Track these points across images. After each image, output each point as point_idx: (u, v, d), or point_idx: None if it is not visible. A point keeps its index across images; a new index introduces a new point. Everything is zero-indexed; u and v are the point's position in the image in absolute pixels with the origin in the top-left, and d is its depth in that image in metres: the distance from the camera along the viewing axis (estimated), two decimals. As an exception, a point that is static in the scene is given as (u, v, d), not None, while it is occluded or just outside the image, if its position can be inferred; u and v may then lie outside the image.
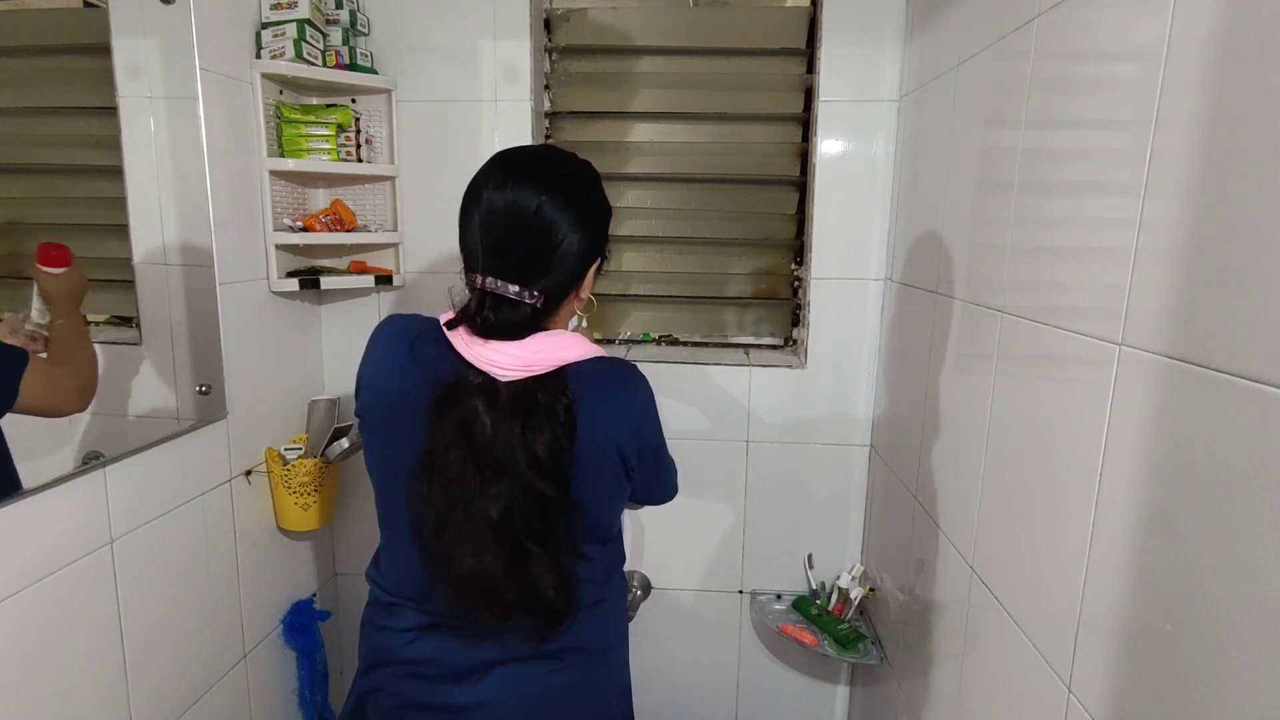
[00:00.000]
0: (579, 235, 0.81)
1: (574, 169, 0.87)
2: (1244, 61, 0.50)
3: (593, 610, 0.93)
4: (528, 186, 0.80)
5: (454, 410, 0.79)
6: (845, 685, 1.59)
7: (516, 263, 0.80)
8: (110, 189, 1.07)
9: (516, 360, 0.79)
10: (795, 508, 1.52)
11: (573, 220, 0.80)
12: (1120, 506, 0.61)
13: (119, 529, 0.99)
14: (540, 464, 0.79)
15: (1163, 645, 0.55)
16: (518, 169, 0.82)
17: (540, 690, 0.90)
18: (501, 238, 0.80)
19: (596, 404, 0.82)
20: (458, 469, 0.79)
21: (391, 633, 0.91)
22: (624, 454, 0.85)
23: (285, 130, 1.31)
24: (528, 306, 0.80)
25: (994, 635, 0.86)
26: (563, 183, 0.82)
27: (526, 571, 0.81)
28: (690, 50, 1.51)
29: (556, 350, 0.81)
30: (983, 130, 0.96)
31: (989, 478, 0.89)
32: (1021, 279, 0.82)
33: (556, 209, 0.79)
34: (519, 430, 0.78)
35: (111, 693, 0.99)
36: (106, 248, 1.11)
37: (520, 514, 0.79)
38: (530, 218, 0.79)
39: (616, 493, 0.88)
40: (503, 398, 0.79)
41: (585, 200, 0.83)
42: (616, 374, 0.86)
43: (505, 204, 0.79)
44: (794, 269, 1.56)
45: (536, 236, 0.79)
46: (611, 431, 0.83)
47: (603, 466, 0.84)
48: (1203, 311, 0.53)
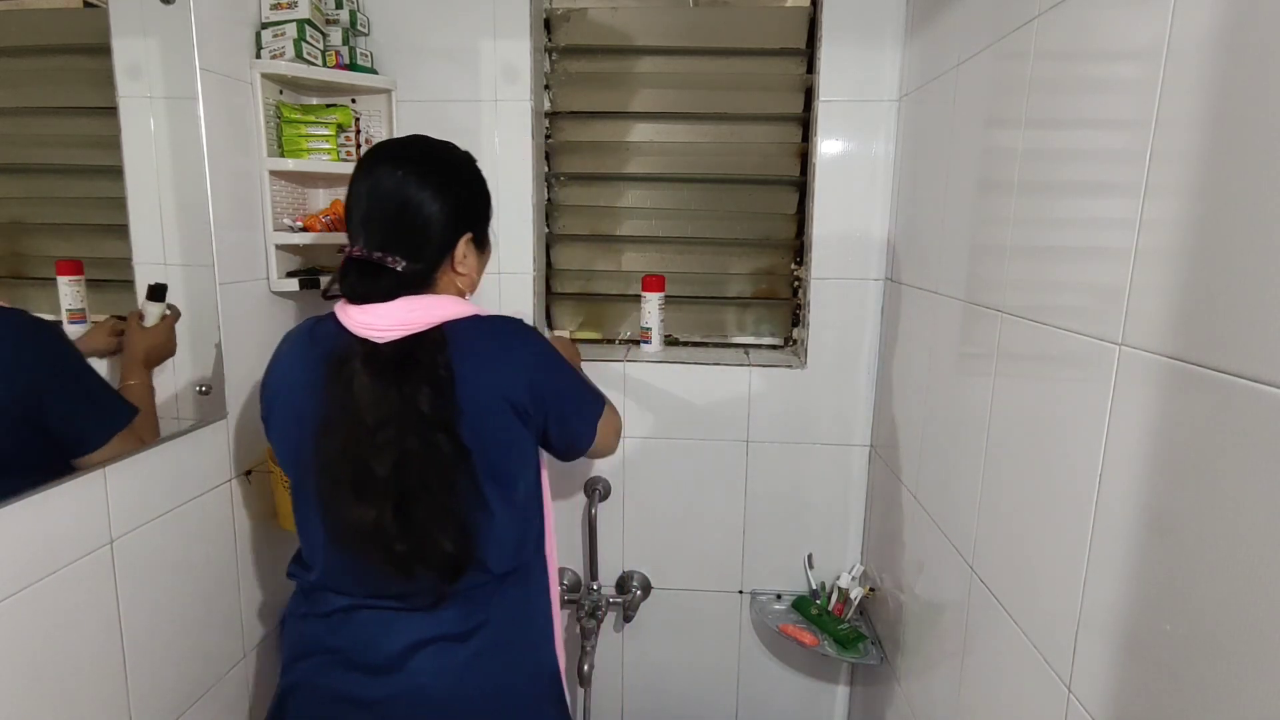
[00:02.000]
0: (438, 205, 0.89)
1: (437, 150, 0.96)
2: (1244, 61, 0.50)
3: (508, 584, 0.94)
4: (390, 164, 0.90)
5: (338, 376, 0.86)
6: (845, 685, 1.59)
7: (381, 232, 0.88)
8: (110, 189, 1.07)
9: (393, 320, 0.86)
10: (795, 508, 1.52)
11: (432, 192, 0.88)
12: (1120, 506, 0.61)
13: (119, 529, 0.99)
14: (424, 416, 0.83)
15: (1163, 645, 0.55)
16: (385, 152, 0.93)
17: (464, 678, 0.90)
18: (367, 211, 0.89)
19: (476, 355, 0.88)
20: (345, 431, 0.84)
21: (314, 619, 0.94)
22: (511, 399, 0.88)
23: (285, 130, 1.31)
24: (392, 272, 0.87)
25: (994, 635, 0.86)
26: (423, 160, 0.91)
27: (418, 522, 0.84)
28: (690, 50, 1.51)
29: (433, 308, 0.88)
30: (982, 130, 0.96)
31: (989, 478, 0.89)
32: (1021, 279, 0.82)
33: (416, 181, 0.88)
34: (398, 387, 0.83)
35: (111, 693, 0.99)
36: (106, 248, 1.11)
37: (412, 466, 0.83)
38: (391, 191, 0.88)
39: (512, 439, 0.90)
40: (382, 357, 0.84)
41: (446, 175, 0.91)
42: (495, 326, 0.92)
43: (371, 181, 0.89)
44: (794, 269, 1.56)
45: (398, 208, 0.88)
46: (494, 379, 0.88)
47: (489, 414, 0.87)
48: (1203, 311, 0.53)
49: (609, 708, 1.64)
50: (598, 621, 1.47)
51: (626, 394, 1.49)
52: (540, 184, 1.50)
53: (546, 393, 0.92)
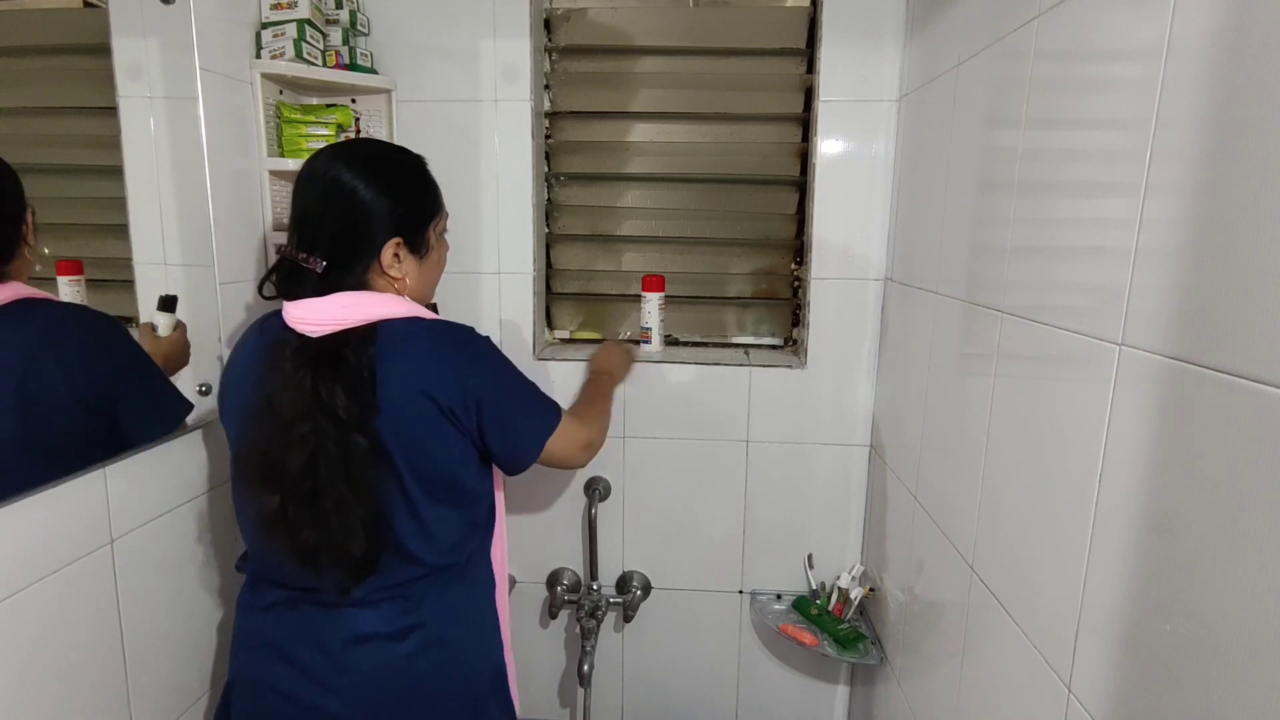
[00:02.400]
0: (359, 210, 0.88)
1: (372, 153, 0.94)
2: (1244, 61, 0.50)
3: (447, 582, 0.94)
4: (323, 165, 0.90)
5: (269, 368, 0.87)
6: (845, 685, 1.59)
7: (306, 233, 0.89)
8: (110, 189, 1.07)
9: (324, 315, 0.86)
10: (795, 508, 1.52)
11: (355, 196, 0.88)
12: (1120, 507, 0.61)
13: (119, 529, 0.99)
14: (337, 415, 0.83)
15: (1163, 645, 0.55)
16: (322, 153, 0.92)
17: (401, 678, 0.90)
18: (299, 210, 0.90)
19: (405, 356, 0.87)
20: (266, 421, 0.86)
21: (256, 611, 0.95)
22: (439, 402, 0.87)
23: (285, 130, 1.31)
24: (310, 272, 0.87)
25: (994, 635, 0.86)
26: (352, 164, 0.89)
27: (326, 514, 0.84)
28: (690, 50, 1.51)
29: (367, 306, 0.88)
30: (982, 130, 0.96)
31: (989, 478, 0.89)
32: (1021, 279, 0.82)
33: (340, 185, 0.88)
34: (317, 383, 0.83)
35: (111, 693, 0.99)
36: (106, 248, 1.11)
37: (324, 462, 0.84)
38: (317, 193, 0.89)
39: (440, 439, 0.89)
40: (308, 352, 0.85)
41: (373, 178, 0.89)
42: (433, 330, 0.91)
43: (302, 181, 0.90)
44: (794, 269, 1.56)
45: (320, 210, 0.89)
46: (422, 382, 0.87)
47: (412, 413, 0.87)
48: (1203, 311, 0.53)
49: (609, 708, 1.64)
50: (598, 621, 1.47)
51: (626, 394, 1.49)
52: (540, 184, 1.50)
53: (483, 397, 0.90)
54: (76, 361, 0.93)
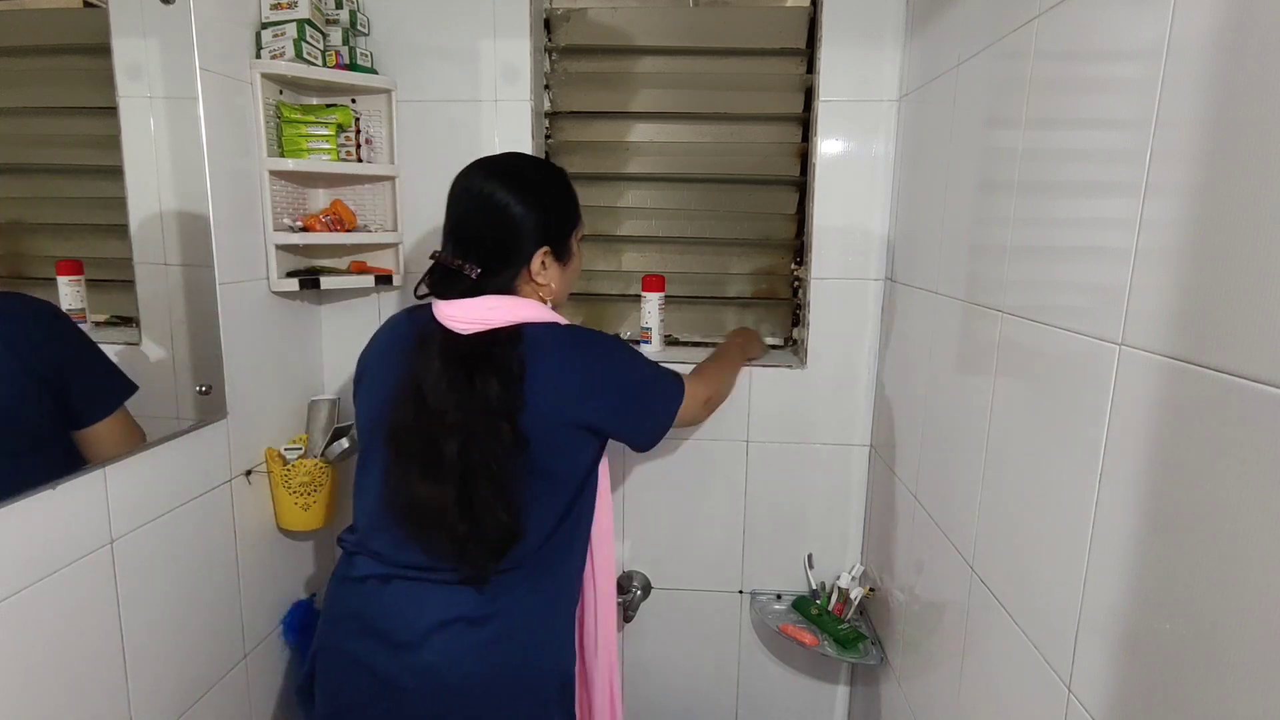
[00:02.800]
0: (514, 221, 0.95)
1: (524, 166, 1.02)
2: (1244, 61, 0.50)
3: (533, 576, 0.97)
4: (478, 178, 0.98)
5: (419, 356, 0.93)
6: (845, 685, 1.59)
7: (462, 241, 0.97)
8: (110, 189, 1.07)
9: (474, 315, 0.93)
10: (795, 508, 1.52)
11: (510, 208, 0.95)
12: (1120, 506, 0.61)
13: (119, 529, 0.99)
14: (489, 404, 0.89)
15: (1163, 645, 0.55)
16: (477, 165, 1.00)
17: (473, 666, 0.92)
18: (453, 219, 0.98)
19: (547, 358, 0.93)
20: (416, 407, 0.91)
21: (350, 583, 0.97)
22: (580, 403, 0.93)
23: (285, 130, 1.31)
24: (468, 278, 0.94)
25: (994, 635, 0.86)
26: (505, 175, 0.97)
27: (477, 503, 0.89)
28: (690, 50, 1.51)
29: (513, 309, 0.94)
30: (982, 130, 0.96)
31: (989, 478, 0.89)
32: (1021, 279, 0.82)
33: (496, 196, 0.95)
34: (469, 375, 0.89)
35: (111, 693, 0.99)
36: (106, 248, 1.11)
37: (476, 449, 0.89)
38: (473, 204, 0.96)
39: (569, 443, 0.95)
40: (459, 346, 0.91)
41: (526, 190, 0.96)
42: (573, 335, 0.97)
43: (459, 191, 0.98)
44: (794, 269, 1.56)
45: (478, 221, 0.96)
46: (561, 383, 0.93)
47: (551, 415, 0.92)
48: (1203, 311, 0.53)
49: (609, 708, 1.64)
50: (598, 621, 1.47)
51: (626, 394, 1.49)
52: (540, 184, 1.50)
53: (611, 404, 0.97)
54: (30, 342, 0.95)
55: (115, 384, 1.04)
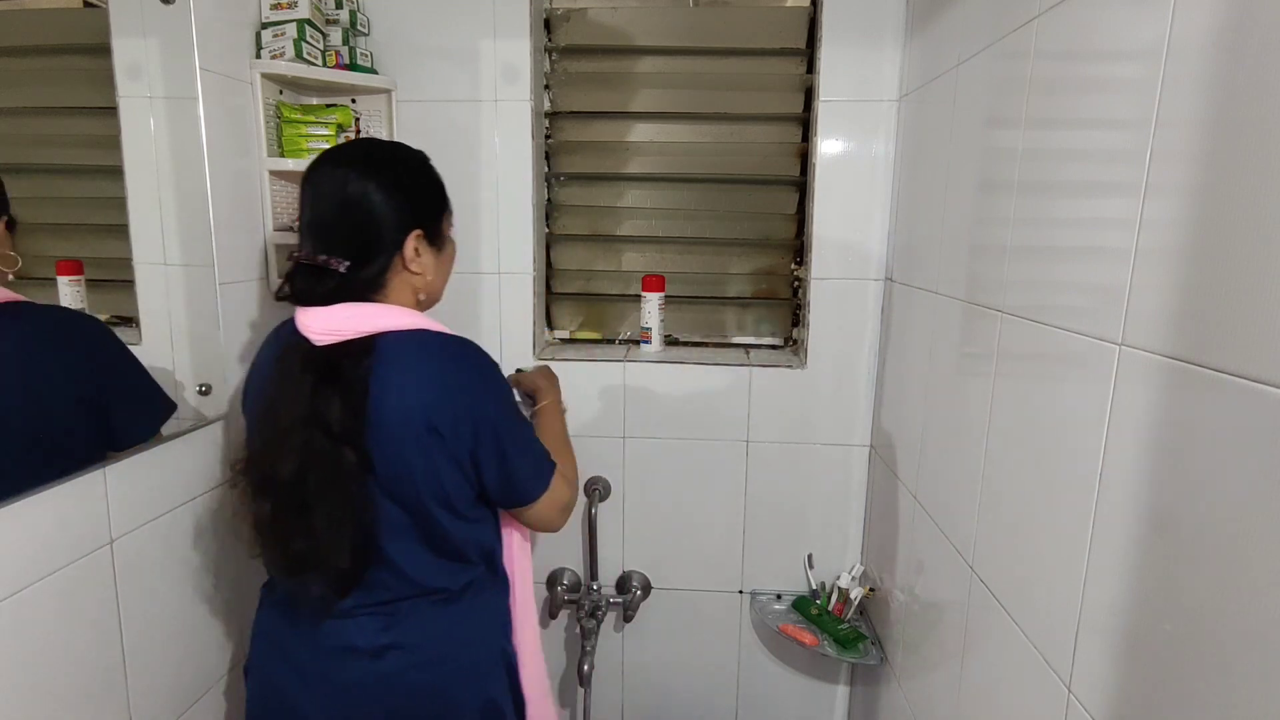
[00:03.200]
0: (381, 202, 0.88)
1: (381, 148, 0.96)
2: (1244, 61, 0.50)
3: (437, 605, 0.92)
4: (330, 165, 0.90)
5: (276, 374, 0.88)
6: (845, 685, 1.59)
7: (324, 234, 0.88)
8: (110, 189, 1.07)
9: (326, 325, 0.86)
10: (795, 508, 1.52)
11: (374, 189, 0.87)
12: (1120, 506, 0.61)
13: (119, 529, 0.99)
14: (329, 426, 0.83)
15: (1163, 645, 0.55)
16: (326, 155, 0.92)
17: (376, 696, 0.90)
18: (310, 215, 0.90)
19: (402, 370, 0.85)
20: (269, 427, 0.87)
21: (268, 605, 0.97)
22: (432, 422, 0.85)
23: (285, 130, 1.31)
24: (335, 274, 0.86)
25: (994, 635, 0.86)
26: (363, 159, 0.90)
27: (316, 529, 0.84)
28: (690, 50, 1.51)
29: (370, 317, 0.87)
30: (983, 130, 0.96)
31: (989, 478, 0.89)
32: (1021, 279, 0.82)
33: (356, 179, 0.87)
34: (314, 393, 0.83)
35: (111, 693, 0.99)
36: (106, 248, 1.11)
37: (313, 473, 0.83)
38: (331, 192, 0.88)
39: (430, 460, 0.86)
40: (312, 361, 0.85)
41: (388, 171, 0.90)
42: (439, 343, 0.89)
43: (312, 184, 0.90)
44: (794, 269, 1.56)
45: (339, 208, 0.88)
46: (416, 399, 0.85)
47: (404, 431, 0.85)
48: (1203, 311, 0.53)
49: (609, 707, 1.64)
50: (598, 622, 1.47)
51: (626, 394, 1.49)
52: (540, 184, 1.50)
53: (479, 420, 0.88)
54: (75, 362, 0.94)
55: (158, 406, 1.04)
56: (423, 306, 0.97)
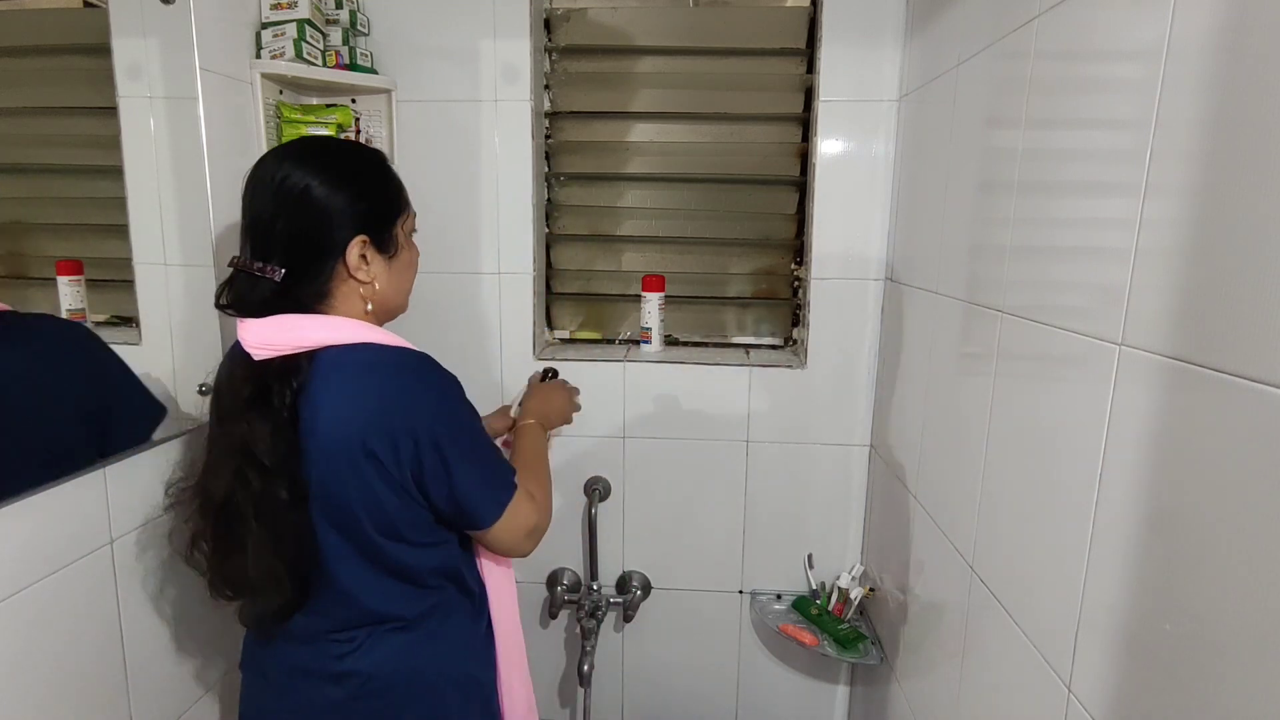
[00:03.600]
0: (318, 204, 0.80)
1: (325, 147, 0.86)
2: (1244, 61, 0.50)
3: (393, 633, 0.87)
4: (271, 165, 0.82)
5: (223, 392, 0.83)
6: (845, 685, 1.59)
7: (260, 237, 0.81)
8: (110, 189, 1.07)
9: (260, 339, 0.78)
10: (795, 508, 1.52)
11: (311, 191, 0.80)
12: (1120, 506, 0.61)
13: (119, 529, 0.99)
14: (258, 459, 0.77)
15: (1163, 645, 0.55)
16: (268, 154, 0.85)
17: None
18: (249, 215, 0.82)
19: (333, 390, 0.78)
20: (212, 447, 0.83)
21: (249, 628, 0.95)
22: (368, 446, 0.77)
23: (285, 130, 1.31)
24: (268, 281, 0.80)
25: (994, 635, 0.86)
26: (302, 158, 0.82)
27: (246, 556, 0.80)
28: (690, 50, 1.51)
29: (306, 330, 0.79)
30: (983, 130, 0.96)
31: (989, 478, 0.89)
32: (1021, 279, 0.82)
33: (292, 181, 0.80)
34: (245, 420, 0.78)
35: (111, 693, 0.99)
36: (106, 248, 1.11)
37: (245, 503, 0.78)
38: (268, 195, 0.80)
39: (371, 494, 0.79)
40: (248, 381, 0.79)
41: (329, 171, 0.81)
42: (373, 358, 0.80)
43: (250, 186, 0.82)
44: (794, 269, 1.56)
45: (273, 211, 0.80)
46: (350, 421, 0.77)
47: (341, 461, 0.78)
48: (1203, 311, 0.53)
49: (609, 708, 1.64)
50: (598, 621, 1.47)
51: (626, 394, 1.49)
52: (540, 184, 1.50)
53: (419, 438, 0.79)
54: (73, 371, 0.94)
55: (150, 411, 1.02)
56: (377, 318, 0.89)
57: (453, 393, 0.85)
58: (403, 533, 0.83)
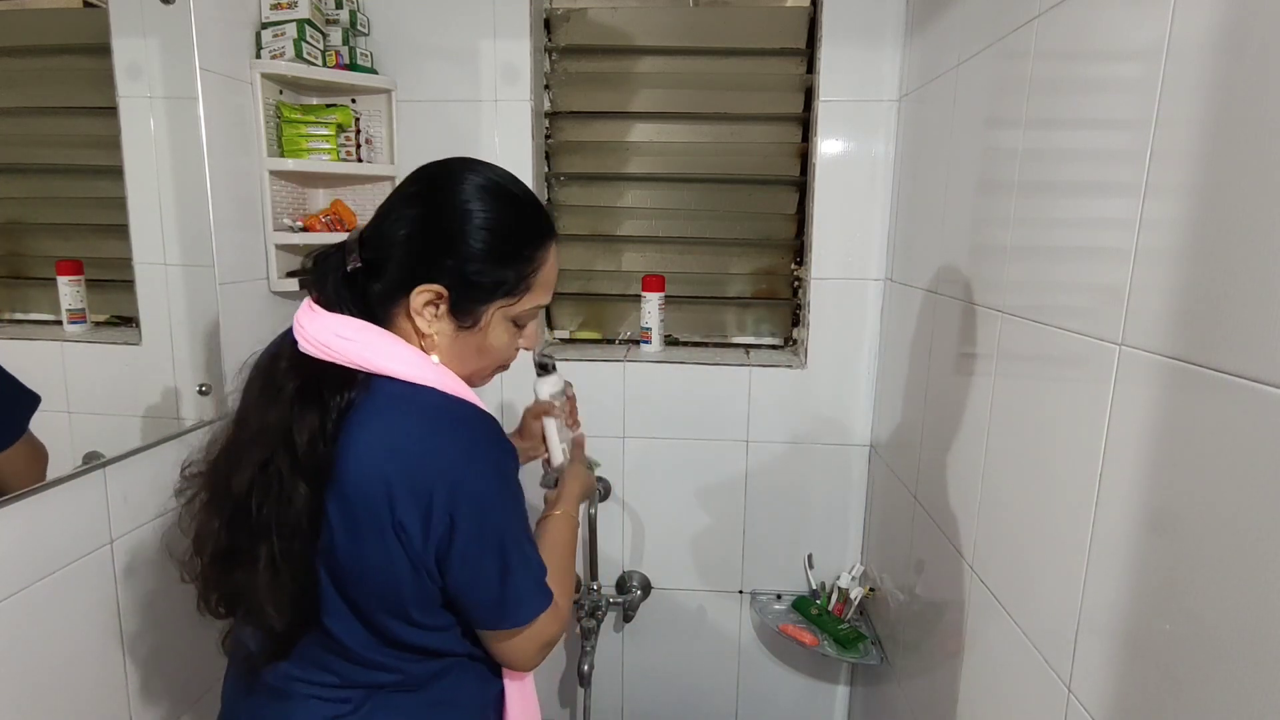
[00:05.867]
0: (405, 230, 0.73)
1: (500, 194, 0.76)
2: (1244, 61, 0.50)
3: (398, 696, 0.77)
4: (440, 168, 0.77)
5: (258, 373, 0.75)
6: (845, 685, 1.59)
7: (372, 222, 0.76)
8: (110, 189, 1.07)
9: (319, 335, 0.71)
10: (795, 508, 1.52)
11: (434, 216, 0.73)
12: (1120, 506, 0.61)
13: (119, 529, 0.99)
14: (295, 447, 0.67)
15: (1163, 645, 0.55)
16: (461, 161, 0.78)
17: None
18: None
19: (379, 426, 0.69)
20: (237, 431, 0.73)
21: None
22: (394, 502, 0.68)
23: (285, 130, 1.31)
24: (345, 263, 0.74)
25: (994, 635, 0.86)
26: (466, 182, 0.75)
27: (256, 560, 0.69)
28: (690, 50, 1.51)
29: (370, 346, 0.71)
30: (983, 130, 0.96)
31: (989, 478, 0.89)
32: (1021, 279, 0.82)
33: (437, 194, 0.74)
34: (292, 403, 0.69)
35: (111, 693, 0.99)
36: (106, 248, 1.11)
37: (265, 495, 0.68)
38: (412, 184, 0.76)
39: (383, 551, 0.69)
40: (297, 365, 0.71)
41: (463, 212, 0.73)
42: (426, 404, 0.71)
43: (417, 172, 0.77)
44: (794, 269, 1.56)
45: (399, 203, 0.75)
46: (380, 473, 0.68)
47: (365, 520, 0.69)
48: (1203, 311, 0.53)
49: (609, 708, 1.64)
50: (598, 621, 1.47)
51: (626, 394, 1.49)
52: (540, 184, 1.50)
53: (457, 514, 0.69)
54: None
55: (23, 399, 0.90)
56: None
57: (506, 468, 0.74)
58: (412, 615, 0.74)
